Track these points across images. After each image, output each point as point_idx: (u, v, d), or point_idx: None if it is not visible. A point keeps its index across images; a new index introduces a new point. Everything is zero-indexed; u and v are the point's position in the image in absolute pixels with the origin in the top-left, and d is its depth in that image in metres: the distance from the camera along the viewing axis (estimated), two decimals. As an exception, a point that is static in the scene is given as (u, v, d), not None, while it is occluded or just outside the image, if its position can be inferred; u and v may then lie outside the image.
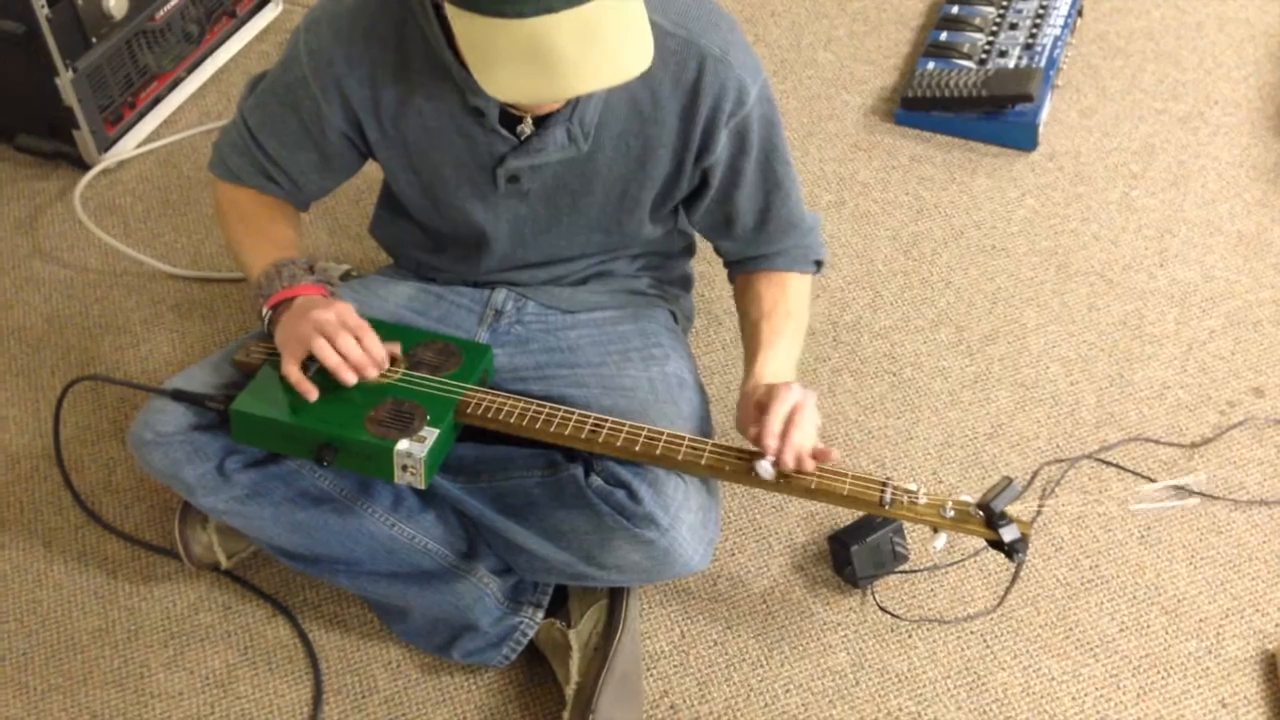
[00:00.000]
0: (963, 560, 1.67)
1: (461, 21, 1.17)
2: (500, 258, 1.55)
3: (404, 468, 1.37)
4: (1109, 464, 1.79)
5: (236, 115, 1.52)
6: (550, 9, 1.11)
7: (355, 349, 1.37)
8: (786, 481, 1.37)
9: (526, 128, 1.38)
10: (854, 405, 1.88)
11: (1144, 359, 1.95)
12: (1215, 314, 2.02)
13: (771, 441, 1.33)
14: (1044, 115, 2.33)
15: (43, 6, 2.04)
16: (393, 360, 1.44)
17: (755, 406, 1.39)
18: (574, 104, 1.36)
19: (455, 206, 1.48)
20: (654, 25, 1.22)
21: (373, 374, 1.39)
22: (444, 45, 1.32)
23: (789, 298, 1.54)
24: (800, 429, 1.33)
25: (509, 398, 1.43)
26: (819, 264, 1.59)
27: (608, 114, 1.38)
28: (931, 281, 2.08)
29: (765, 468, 1.34)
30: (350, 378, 1.37)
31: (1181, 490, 1.75)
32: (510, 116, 1.37)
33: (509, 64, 1.15)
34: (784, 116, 2.39)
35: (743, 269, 1.59)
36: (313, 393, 1.38)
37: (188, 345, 1.98)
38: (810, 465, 1.34)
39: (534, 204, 1.48)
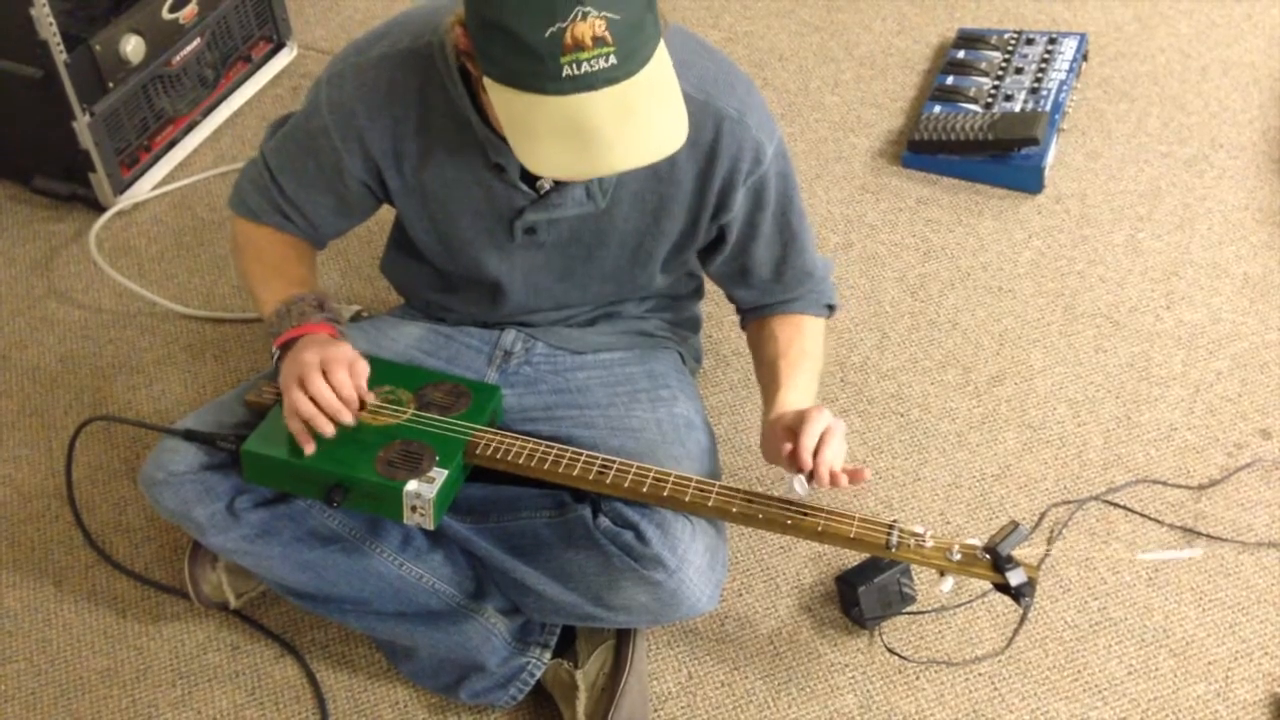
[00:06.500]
0: (970, 601, 1.67)
1: (501, 96, 1.18)
2: (514, 304, 1.57)
3: (413, 508, 1.37)
4: (1116, 505, 1.79)
5: (258, 154, 1.54)
6: (590, 87, 1.14)
7: (326, 393, 1.35)
8: (795, 524, 1.37)
9: (546, 183, 1.40)
10: (861, 446, 1.89)
11: (1151, 401, 1.95)
12: (1222, 356, 2.02)
13: (808, 456, 1.34)
14: (1049, 158, 2.35)
15: (61, 52, 2.08)
16: (397, 401, 1.45)
17: (785, 430, 1.39)
18: None
19: (470, 255, 1.50)
20: None
21: (347, 419, 1.37)
22: (468, 104, 1.34)
23: (804, 337, 1.56)
24: (831, 448, 1.34)
25: (517, 438, 1.44)
26: (831, 308, 1.61)
27: (626, 172, 1.40)
28: (938, 323, 2.09)
29: (800, 482, 1.35)
30: (326, 428, 1.36)
31: (1189, 534, 1.75)
32: (530, 172, 1.39)
33: (548, 139, 1.17)
34: (792, 160, 2.42)
35: (756, 315, 1.61)
36: (310, 445, 1.38)
37: (200, 385, 1.99)
38: (844, 481, 1.35)
39: (549, 255, 1.49)
